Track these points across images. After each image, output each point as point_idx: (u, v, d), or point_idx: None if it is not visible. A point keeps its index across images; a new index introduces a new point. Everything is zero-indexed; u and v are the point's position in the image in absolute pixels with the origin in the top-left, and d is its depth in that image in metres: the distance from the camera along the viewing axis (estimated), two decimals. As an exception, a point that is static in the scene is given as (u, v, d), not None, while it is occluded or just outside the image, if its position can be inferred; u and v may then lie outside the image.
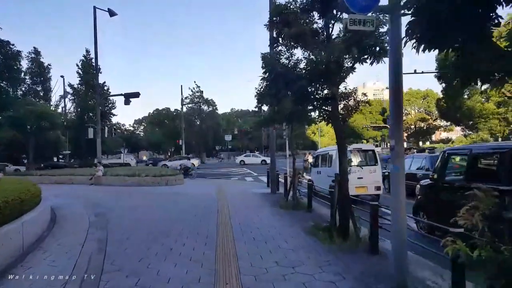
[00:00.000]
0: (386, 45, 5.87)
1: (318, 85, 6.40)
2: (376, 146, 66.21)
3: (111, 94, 45.31)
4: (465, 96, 38.59)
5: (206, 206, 10.95)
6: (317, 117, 7.76)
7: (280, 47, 6.53)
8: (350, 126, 75.82)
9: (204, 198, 12.95)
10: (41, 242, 6.42)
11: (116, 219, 8.91)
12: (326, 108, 6.77)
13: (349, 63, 6.30)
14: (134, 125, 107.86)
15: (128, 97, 26.58)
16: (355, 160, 11.57)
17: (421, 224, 7.15)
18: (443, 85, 37.85)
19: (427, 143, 67.81)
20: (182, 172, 23.17)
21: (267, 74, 6.54)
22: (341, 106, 6.92)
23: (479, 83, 3.02)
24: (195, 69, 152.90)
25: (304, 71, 6.29)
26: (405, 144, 71.44)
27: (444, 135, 79.37)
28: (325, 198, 11.02)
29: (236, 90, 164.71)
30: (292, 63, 6.53)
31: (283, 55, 6.57)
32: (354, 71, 6.50)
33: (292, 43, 6.59)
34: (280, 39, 6.80)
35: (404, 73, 4.89)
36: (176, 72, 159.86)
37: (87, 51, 52.96)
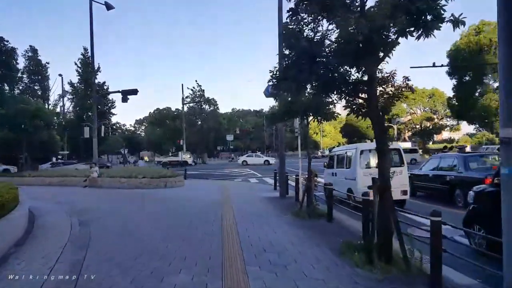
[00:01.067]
0: (442, 12, 4.46)
1: (352, 65, 4.99)
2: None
3: (108, 91, 43.56)
4: (476, 94, 37.17)
5: (208, 215, 9.54)
6: (343, 108, 6.24)
7: (303, 15, 5.04)
8: (354, 125, 74.28)
9: (206, 204, 11.54)
10: (-2, 266, 5.03)
11: (103, 231, 7.52)
12: (361, 96, 5.35)
13: (392, 36, 4.87)
14: (136, 125, 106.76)
15: (126, 94, 25.23)
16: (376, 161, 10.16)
17: (477, 239, 5.75)
18: (454, 82, 36.38)
19: (430, 143, 66.43)
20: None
21: (288, 50, 5.13)
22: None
23: None
24: (196, 69, 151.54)
25: (335, 45, 4.88)
26: (409, 144, 70.18)
27: (446, 135, 77.77)
28: (343, 203, 9.63)
29: (237, 90, 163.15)
30: (319, 37, 5.08)
31: (306, 26, 5.11)
32: (396, 47, 5.10)
33: (317, 13, 5.16)
34: (300, 9, 5.36)
35: (418, 67, 3.69)
36: (178, 72, 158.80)
37: (86, 49, 51.70)
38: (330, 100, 6.63)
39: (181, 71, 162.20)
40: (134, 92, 24.30)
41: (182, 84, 54.73)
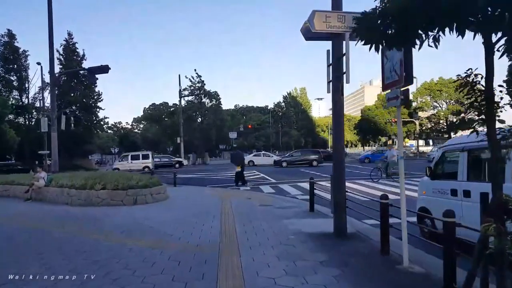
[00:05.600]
0: None
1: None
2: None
3: (73, 70, 37.41)
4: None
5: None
6: None
7: None
8: (370, 120, 67.77)
9: (186, 261, 5.18)
10: None
11: None
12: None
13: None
14: (134, 123, 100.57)
15: (93, 73, 19.00)
16: None
17: None
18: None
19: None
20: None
21: None
22: None
23: None
24: (197, 64, 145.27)
25: None
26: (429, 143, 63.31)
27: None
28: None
29: (240, 85, 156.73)
30: None
31: None
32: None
33: None
34: None
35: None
36: (178, 67, 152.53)
37: (70, 34, 45.41)
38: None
39: (182, 67, 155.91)
40: (105, 69, 18.05)
41: (179, 75, 48.51)
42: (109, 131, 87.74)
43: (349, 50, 6.20)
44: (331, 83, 6.76)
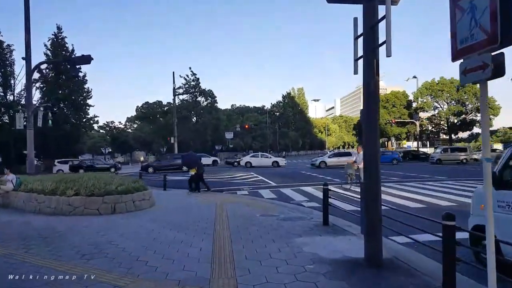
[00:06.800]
0: None
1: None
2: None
3: (52, 60, 35.54)
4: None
5: None
6: None
7: None
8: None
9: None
10: None
11: None
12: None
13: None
14: (127, 123, 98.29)
15: (76, 63, 17.27)
16: None
17: None
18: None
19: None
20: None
21: None
22: None
23: None
24: (193, 63, 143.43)
25: None
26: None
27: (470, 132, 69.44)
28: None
29: (236, 85, 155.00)
30: None
31: None
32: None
33: None
34: None
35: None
36: (174, 66, 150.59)
37: (59, 28, 43.34)
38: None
39: (178, 66, 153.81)
40: (87, 60, 16.31)
41: (173, 72, 46.66)
42: (101, 130, 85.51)
43: (390, 11, 4.49)
44: (360, 60, 5.06)
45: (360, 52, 5.08)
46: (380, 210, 4.70)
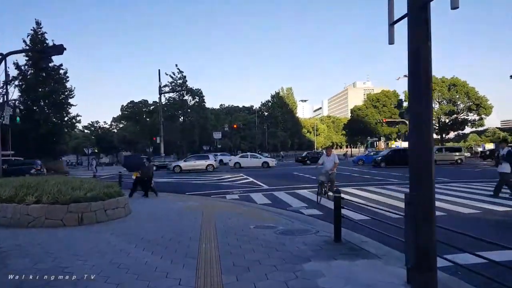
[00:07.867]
0: None
1: None
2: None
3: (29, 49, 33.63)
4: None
5: None
6: None
7: None
8: (360, 121, 65.36)
9: None
10: None
11: None
12: None
13: None
14: (113, 123, 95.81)
15: (48, 54, 15.67)
16: None
17: None
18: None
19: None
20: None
21: None
22: None
23: None
24: (180, 61, 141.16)
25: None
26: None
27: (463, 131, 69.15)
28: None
29: (223, 85, 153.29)
30: None
31: None
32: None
33: None
34: None
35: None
36: (160, 65, 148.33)
37: (38, 23, 41.13)
38: None
39: (165, 64, 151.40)
40: (60, 50, 14.67)
41: (159, 70, 44.97)
42: (86, 130, 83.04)
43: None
44: (398, 24, 3.72)
45: (397, 14, 3.72)
46: (434, 234, 3.33)
